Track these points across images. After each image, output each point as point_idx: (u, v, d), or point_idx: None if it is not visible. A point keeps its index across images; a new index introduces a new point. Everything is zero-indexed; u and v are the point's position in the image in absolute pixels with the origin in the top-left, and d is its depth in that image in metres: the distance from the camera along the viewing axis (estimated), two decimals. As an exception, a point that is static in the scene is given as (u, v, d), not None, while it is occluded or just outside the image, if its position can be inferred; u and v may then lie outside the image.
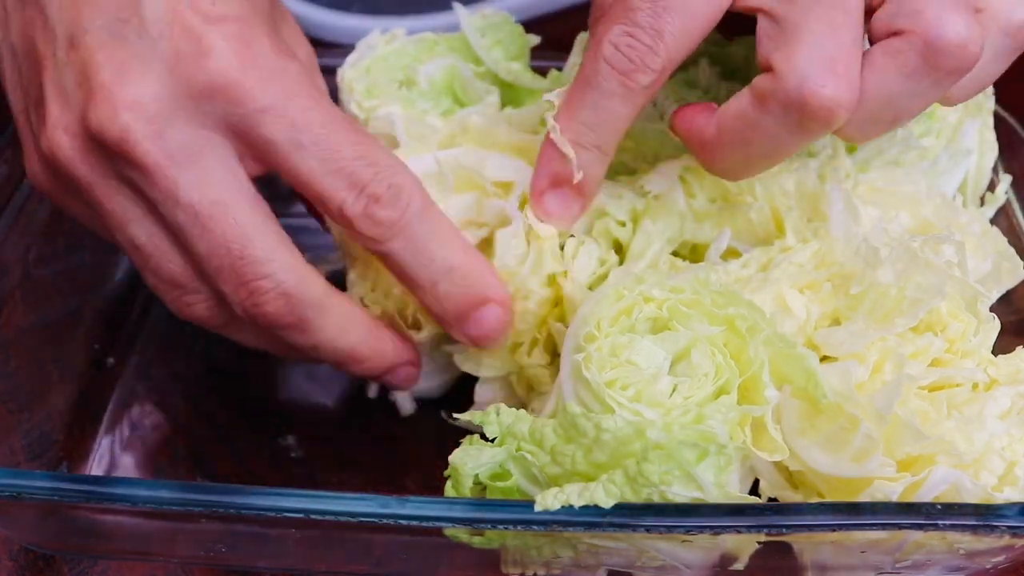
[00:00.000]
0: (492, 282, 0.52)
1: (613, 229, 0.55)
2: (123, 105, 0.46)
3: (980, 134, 0.62)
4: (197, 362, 0.66)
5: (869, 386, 0.47)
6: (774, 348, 0.46)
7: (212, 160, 0.48)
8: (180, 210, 0.47)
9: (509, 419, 0.46)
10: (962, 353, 0.49)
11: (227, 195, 0.48)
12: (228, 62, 0.47)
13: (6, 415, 0.58)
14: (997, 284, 0.56)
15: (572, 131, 0.50)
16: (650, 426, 0.43)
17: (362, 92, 0.62)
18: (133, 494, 0.45)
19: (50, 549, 0.56)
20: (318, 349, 0.53)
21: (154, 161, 0.47)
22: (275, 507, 0.44)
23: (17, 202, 0.60)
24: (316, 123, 0.48)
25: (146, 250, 0.50)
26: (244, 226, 0.48)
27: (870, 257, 0.49)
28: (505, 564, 0.51)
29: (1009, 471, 0.46)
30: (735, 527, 0.43)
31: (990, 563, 0.49)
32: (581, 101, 0.49)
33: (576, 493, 0.43)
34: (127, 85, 0.46)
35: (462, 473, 0.46)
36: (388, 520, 0.44)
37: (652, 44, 0.47)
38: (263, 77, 0.47)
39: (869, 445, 0.45)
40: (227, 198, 0.48)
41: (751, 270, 0.53)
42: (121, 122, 0.46)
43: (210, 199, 0.48)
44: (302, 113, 0.48)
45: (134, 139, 0.46)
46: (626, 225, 0.55)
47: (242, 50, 0.47)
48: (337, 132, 0.49)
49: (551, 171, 0.51)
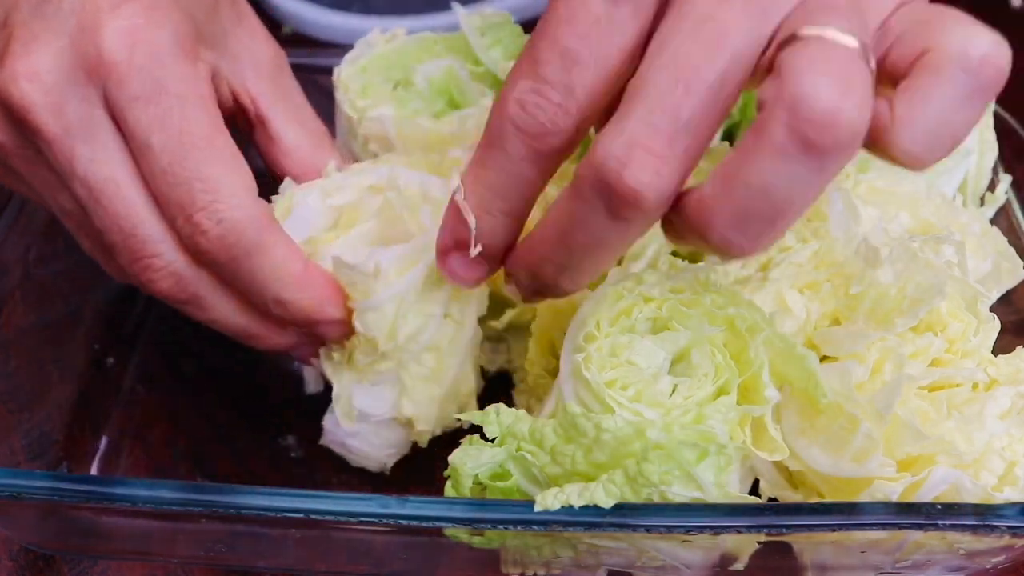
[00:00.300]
0: (327, 306, 0.52)
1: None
2: (23, 75, 0.47)
3: (980, 134, 0.62)
4: (197, 362, 0.66)
5: (869, 386, 0.47)
6: (774, 348, 0.46)
7: (106, 136, 0.48)
8: (77, 183, 0.48)
9: (509, 419, 0.46)
10: (962, 353, 0.49)
11: (119, 172, 0.48)
12: (116, 42, 0.47)
13: (6, 415, 0.58)
14: (997, 284, 0.56)
15: (477, 196, 0.45)
16: (650, 426, 0.43)
17: (356, 91, 0.62)
18: (133, 494, 0.45)
19: (50, 549, 0.56)
20: (216, 324, 0.53)
21: (52, 132, 0.47)
22: (275, 507, 0.45)
23: (17, 202, 0.60)
24: (176, 127, 0.47)
25: (74, 217, 0.51)
26: (134, 204, 0.48)
27: (870, 257, 0.49)
28: (505, 564, 0.51)
29: (1009, 471, 0.46)
30: (735, 527, 0.43)
31: (990, 563, 0.49)
32: (487, 164, 0.44)
33: (576, 493, 0.43)
34: (29, 55, 0.47)
35: (462, 473, 0.46)
36: (388, 520, 0.44)
37: (562, 102, 0.41)
38: (144, 66, 0.47)
39: (869, 445, 0.45)
40: (119, 175, 0.48)
41: (750, 270, 0.53)
42: (21, 90, 0.47)
43: (103, 175, 0.48)
44: (167, 113, 0.47)
45: (34, 108, 0.47)
46: None
47: (134, 35, 0.47)
48: (192, 146, 0.48)
49: (454, 234, 0.47)
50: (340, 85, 0.63)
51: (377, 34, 0.65)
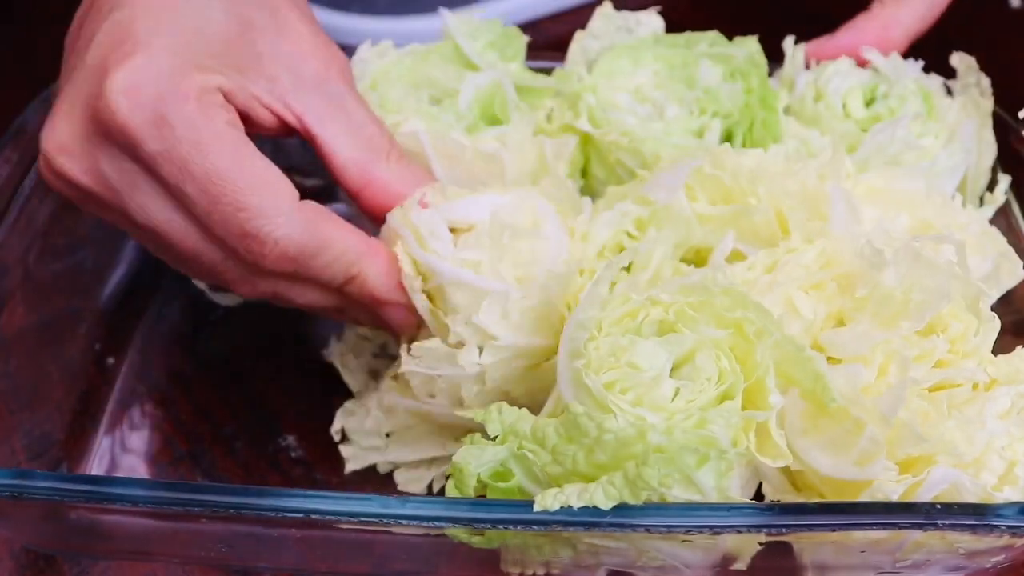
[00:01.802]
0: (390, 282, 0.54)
1: (625, 242, 0.55)
2: (53, 149, 0.50)
3: (979, 134, 0.62)
4: (197, 362, 0.66)
5: (874, 389, 0.47)
6: (783, 352, 0.46)
7: (146, 186, 0.50)
8: (140, 231, 0.51)
9: (511, 417, 0.46)
10: (963, 353, 0.49)
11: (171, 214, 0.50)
12: (121, 104, 0.48)
13: (6, 415, 0.58)
14: (996, 284, 0.56)
15: None
16: (652, 429, 0.43)
17: (375, 106, 0.61)
18: (133, 494, 0.45)
19: (50, 549, 0.56)
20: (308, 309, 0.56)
21: (100, 194, 0.50)
22: (275, 507, 0.44)
23: (17, 202, 0.60)
24: (201, 172, 0.48)
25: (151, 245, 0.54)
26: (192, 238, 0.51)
27: (874, 259, 0.49)
28: (505, 563, 0.51)
29: (1009, 471, 0.46)
30: (735, 527, 0.43)
31: (990, 562, 0.49)
32: None
33: (575, 494, 0.43)
34: (53, 129, 0.50)
35: (466, 472, 0.46)
36: (389, 520, 0.44)
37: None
38: (152, 122, 0.48)
39: (873, 449, 0.45)
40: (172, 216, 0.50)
41: (757, 272, 0.53)
42: (58, 163, 0.50)
43: (160, 219, 0.50)
44: (187, 161, 0.48)
45: (74, 176, 0.50)
46: (637, 237, 0.55)
47: (136, 93, 0.48)
48: (223, 181, 0.49)
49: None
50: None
51: (368, 48, 0.64)
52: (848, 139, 0.60)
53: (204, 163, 0.48)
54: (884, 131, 0.59)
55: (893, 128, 0.59)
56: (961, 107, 0.62)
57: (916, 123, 0.60)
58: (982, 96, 0.62)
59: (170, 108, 0.48)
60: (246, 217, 0.49)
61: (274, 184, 0.50)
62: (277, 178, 0.50)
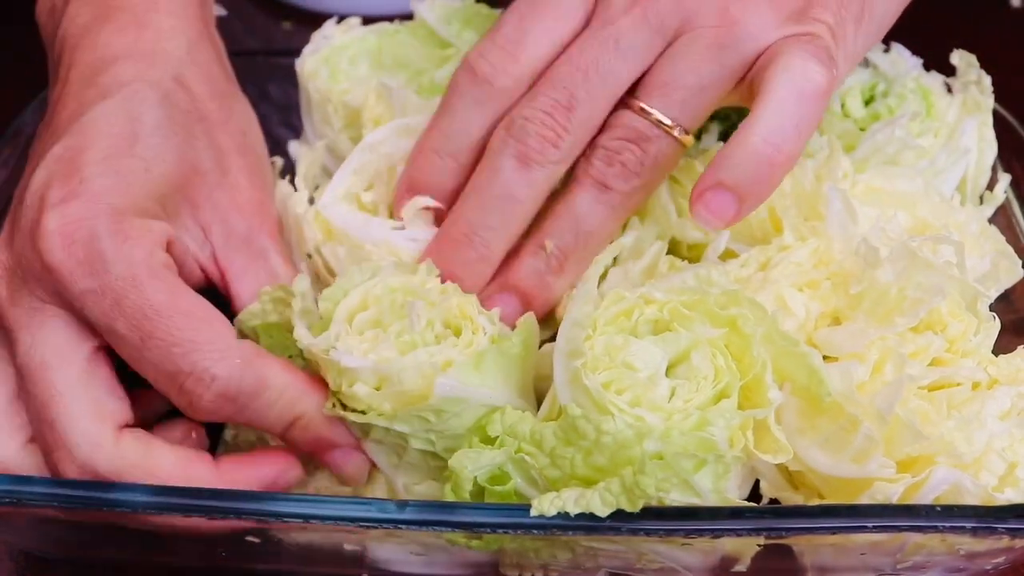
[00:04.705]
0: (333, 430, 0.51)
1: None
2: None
3: (979, 132, 0.62)
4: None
5: (870, 386, 0.47)
6: (776, 346, 0.46)
7: (48, 326, 0.48)
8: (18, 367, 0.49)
9: (512, 419, 0.46)
10: (962, 353, 0.49)
11: (53, 359, 0.48)
12: (53, 244, 0.47)
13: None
14: (996, 283, 0.56)
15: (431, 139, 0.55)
16: (650, 432, 0.43)
17: (325, 78, 0.63)
18: (132, 499, 0.45)
19: (51, 552, 0.56)
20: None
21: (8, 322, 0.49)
22: (274, 511, 0.44)
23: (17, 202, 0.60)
24: (135, 309, 0.47)
25: None
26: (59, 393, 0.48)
27: (870, 257, 0.49)
28: (503, 566, 0.51)
29: (1010, 472, 0.46)
30: (734, 530, 0.43)
31: (990, 564, 0.49)
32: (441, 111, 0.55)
33: (572, 500, 0.43)
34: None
35: (462, 476, 0.46)
36: (386, 525, 0.44)
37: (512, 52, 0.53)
38: (85, 261, 0.47)
39: (869, 446, 0.45)
40: (53, 362, 0.48)
41: (750, 270, 0.53)
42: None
43: (36, 362, 0.48)
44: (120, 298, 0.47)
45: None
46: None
47: (71, 233, 0.47)
48: (159, 318, 0.47)
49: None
50: (305, 74, 0.64)
51: (332, 25, 0.66)
52: (847, 138, 0.60)
53: (139, 299, 0.47)
54: (882, 130, 0.59)
55: (891, 128, 0.58)
56: (961, 105, 0.62)
57: (915, 122, 0.60)
58: (982, 94, 0.62)
59: (106, 246, 0.47)
60: (181, 352, 0.47)
61: (211, 321, 0.48)
62: (214, 316, 0.49)
